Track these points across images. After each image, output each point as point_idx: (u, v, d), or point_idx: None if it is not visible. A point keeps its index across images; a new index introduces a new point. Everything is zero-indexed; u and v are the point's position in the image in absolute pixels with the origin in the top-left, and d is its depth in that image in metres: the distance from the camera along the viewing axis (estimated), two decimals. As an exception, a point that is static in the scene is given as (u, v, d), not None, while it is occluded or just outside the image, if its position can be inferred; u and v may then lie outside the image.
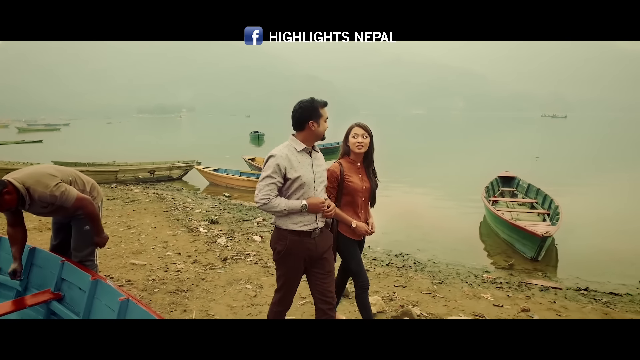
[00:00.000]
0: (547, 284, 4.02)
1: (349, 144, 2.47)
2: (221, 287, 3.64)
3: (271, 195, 2.02)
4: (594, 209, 7.88)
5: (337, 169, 2.46)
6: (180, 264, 4.21)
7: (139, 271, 3.99)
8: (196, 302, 3.30)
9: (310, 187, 2.09)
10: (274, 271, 4.05)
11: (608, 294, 3.84)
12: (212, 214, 6.60)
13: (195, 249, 4.75)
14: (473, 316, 3.20)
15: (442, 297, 3.62)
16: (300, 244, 2.09)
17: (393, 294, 3.60)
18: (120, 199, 7.79)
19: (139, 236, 5.25)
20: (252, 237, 5.34)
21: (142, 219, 6.21)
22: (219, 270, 4.06)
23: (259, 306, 3.27)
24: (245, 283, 3.73)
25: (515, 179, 8.33)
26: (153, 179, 10.31)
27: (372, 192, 2.55)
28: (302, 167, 2.07)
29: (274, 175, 2.02)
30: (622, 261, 4.90)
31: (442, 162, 16.40)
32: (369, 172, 2.53)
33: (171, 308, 3.19)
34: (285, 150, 2.08)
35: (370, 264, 4.48)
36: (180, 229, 5.67)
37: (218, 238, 5.19)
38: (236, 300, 3.37)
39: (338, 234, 2.46)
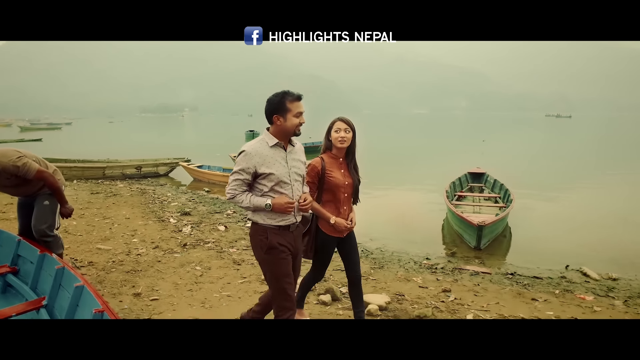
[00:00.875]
0: (479, 269, 4.34)
1: (331, 138, 2.44)
2: (173, 268, 4.00)
3: (237, 190, 2.03)
4: (569, 208, 8.13)
5: (318, 164, 2.43)
6: (142, 249, 4.57)
7: (103, 254, 4.35)
8: (146, 280, 3.66)
9: (285, 182, 2.06)
10: (226, 255, 4.42)
11: (531, 277, 4.16)
12: (187, 207, 6.97)
13: (160, 236, 5.11)
14: (394, 295, 3.53)
15: (375, 279, 3.95)
16: (282, 237, 2.09)
17: (329, 277, 3.93)
18: (103, 193, 8.17)
19: (112, 225, 5.61)
20: (217, 227, 5.69)
21: (118, 210, 6.58)
22: (176, 255, 4.41)
23: (202, 284, 3.62)
24: (196, 265, 4.08)
25: (484, 175, 8.63)
26: (140, 175, 10.68)
27: (355, 188, 2.52)
28: (274, 163, 2.05)
29: (241, 172, 2.02)
30: (566, 252, 5.14)
31: (434, 160, 16.71)
32: (350, 168, 2.49)
33: (121, 284, 3.54)
34: (257, 146, 2.05)
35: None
36: (152, 219, 6.04)
37: (184, 227, 5.55)
38: (182, 279, 3.72)
39: (317, 229, 2.46)
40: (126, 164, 10.87)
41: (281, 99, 2.03)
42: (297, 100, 2.04)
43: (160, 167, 11.11)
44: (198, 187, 9.55)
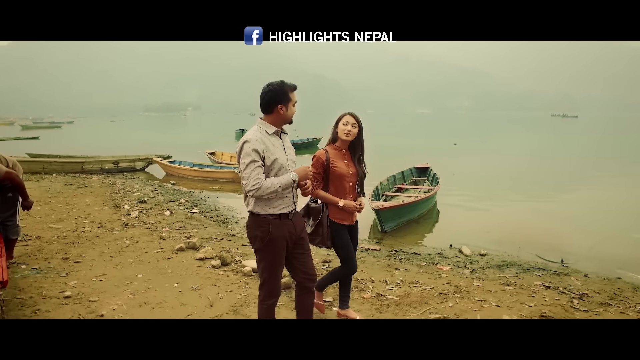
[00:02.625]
0: (369, 247, 5.04)
1: (337, 130, 2.58)
2: (106, 241, 4.75)
3: (261, 178, 2.00)
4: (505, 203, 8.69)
5: (322, 156, 2.55)
6: (87, 228, 5.33)
7: (52, 231, 5.11)
8: (78, 249, 4.42)
9: (285, 168, 2.11)
10: (157, 233, 5.16)
11: (411, 253, 4.84)
12: (146, 196, 7.74)
13: (108, 219, 5.87)
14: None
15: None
16: (282, 226, 2.11)
17: (222, 251, 4.66)
18: (76, 185, 8.95)
19: (70, 210, 6.38)
20: (163, 212, 6.45)
21: (82, 199, 7.35)
22: (115, 232, 5.17)
23: (124, 253, 4.36)
24: (127, 240, 4.83)
25: (428, 170, 9.30)
26: (117, 170, 11.46)
27: (360, 178, 2.65)
28: (276, 150, 2.09)
29: (256, 159, 2.00)
30: (463, 234, 5.69)
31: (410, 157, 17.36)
32: (354, 159, 2.63)
33: (56, 252, 4.28)
34: (258, 134, 2.07)
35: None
36: (109, 205, 6.81)
37: (133, 212, 6.31)
38: (109, 249, 4.48)
39: (329, 221, 2.55)
40: (104, 159, 11.66)
41: (285, 88, 2.11)
42: (294, 90, 2.17)
43: (137, 162, 11.88)
44: (168, 180, 10.31)
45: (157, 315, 2.92)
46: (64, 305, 3.01)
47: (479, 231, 6.01)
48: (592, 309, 3.24)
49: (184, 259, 4.20)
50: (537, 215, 7.25)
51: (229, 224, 6.01)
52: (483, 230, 6.09)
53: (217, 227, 5.81)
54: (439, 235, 5.92)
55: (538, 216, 7.18)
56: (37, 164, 10.57)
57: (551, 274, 4.15)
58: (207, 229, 5.60)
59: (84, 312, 2.90)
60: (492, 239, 5.51)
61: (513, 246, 5.17)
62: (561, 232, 6.17)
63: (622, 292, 3.68)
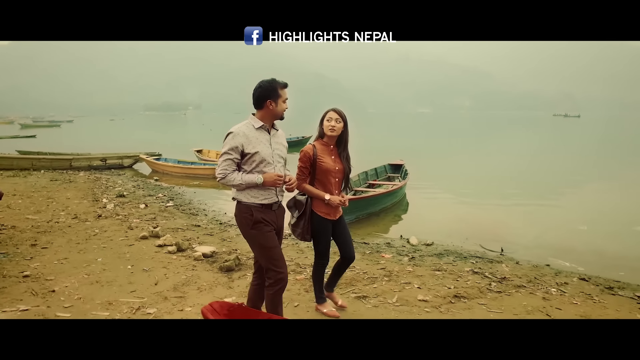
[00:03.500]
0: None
1: (323, 126, 2.64)
2: (77, 231, 5.07)
3: (228, 170, 2.15)
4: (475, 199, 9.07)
5: (310, 150, 2.62)
6: (62, 219, 5.66)
7: (28, 222, 5.43)
8: (48, 237, 4.74)
9: (268, 162, 2.20)
10: (126, 223, 5.47)
11: (360, 243, 5.14)
12: (127, 191, 8.07)
13: (84, 211, 6.20)
14: (227, 247, 4.57)
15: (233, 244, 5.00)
16: (265, 213, 2.23)
17: (183, 239, 4.98)
18: (61, 180, 9.27)
19: (50, 203, 6.71)
20: (138, 205, 6.77)
21: (64, 193, 7.68)
22: (87, 223, 5.50)
23: (90, 240, 4.69)
24: (96, 229, 5.16)
25: (402, 167, 9.61)
26: (105, 167, 11.79)
27: (346, 174, 2.71)
28: (259, 143, 2.19)
29: (230, 152, 2.16)
30: (419, 227, 6.06)
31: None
32: (341, 155, 2.69)
33: (27, 239, 4.61)
34: (244, 128, 2.20)
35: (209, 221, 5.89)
36: (88, 199, 7.14)
37: (109, 205, 6.64)
38: (78, 236, 4.80)
39: (312, 213, 2.63)
40: (92, 156, 11.99)
41: (275, 85, 2.22)
42: (285, 87, 2.27)
43: (124, 159, 12.22)
44: (152, 176, 10.64)
45: (104, 292, 3.24)
46: (21, 283, 3.34)
47: (437, 224, 6.35)
48: (505, 290, 3.55)
49: (144, 245, 4.52)
50: (501, 211, 7.55)
51: (198, 216, 6.34)
52: (441, 223, 6.43)
53: (186, 218, 6.13)
54: (396, 227, 6.23)
55: (501, 212, 7.48)
56: (26, 161, 10.92)
57: (485, 262, 4.47)
58: (175, 220, 5.92)
59: (38, 289, 3.22)
60: (445, 231, 5.83)
61: (461, 237, 5.49)
62: (513, 225, 6.49)
63: (543, 277, 3.99)
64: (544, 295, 3.49)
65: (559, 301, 3.37)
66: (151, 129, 50.61)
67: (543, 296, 3.46)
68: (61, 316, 2.77)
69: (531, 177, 11.78)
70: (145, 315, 2.85)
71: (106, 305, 2.98)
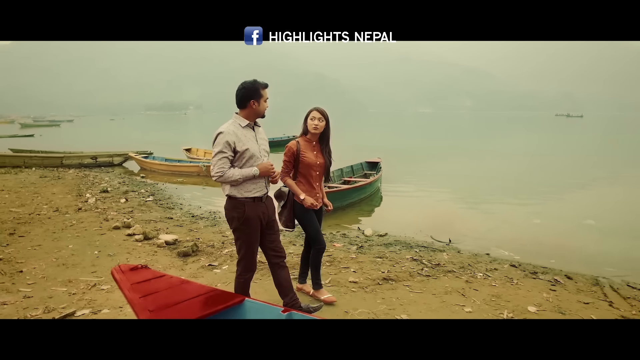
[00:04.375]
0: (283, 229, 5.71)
1: (307, 124, 2.86)
2: (55, 222, 5.45)
3: (225, 167, 2.29)
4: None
5: (294, 146, 2.86)
6: (44, 212, 6.04)
7: (10, 214, 5.81)
8: (27, 227, 5.12)
9: (257, 157, 2.40)
10: (105, 216, 5.86)
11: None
12: (111, 187, 8.45)
13: (66, 204, 6.58)
14: (191, 236, 4.94)
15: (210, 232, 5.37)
16: (256, 208, 2.40)
17: (153, 229, 5.36)
18: (50, 177, 9.66)
19: (35, 197, 7.10)
20: (119, 200, 7.15)
21: (51, 188, 8.07)
22: (67, 215, 5.88)
23: (66, 230, 5.07)
24: (74, 220, 5.54)
25: (378, 164, 9.97)
26: (95, 164, 12.19)
27: (327, 168, 2.96)
28: (248, 140, 2.36)
29: (225, 150, 2.29)
30: (379, 221, 6.49)
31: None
32: (323, 151, 2.93)
33: (7, 229, 4.99)
34: (232, 127, 2.35)
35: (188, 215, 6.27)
36: (72, 194, 7.52)
37: (91, 199, 7.02)
38: (55, 227, 5.18)
39: (294, 203, 2.87)
40: (83, 154, 12.38)
41: (257, 86, 2.40)
42: (266, 87, 2.45)
43: (114, 157, 12.62)
44: (140, 174, 11.02)
45: (68, 272, 3.62)
46: (-7, 265, 3.72)
47: (399, 218, 6.70)
48: (433, 275, 3.91)
49: (115, 235, 4.91)
50: (466, 208, 7.90)
51: (174, 210, 6.71)
52: (403, 217, 6.77)
53: (162, 212, 6.50)
54: (359, 220, 6.59)
55: (466, 209, 7.82)
56: (18, 159, 11.32)
57: (429, 251, 4.82)
58: (151, 213, 6.30)
59: (7, 269, 3.60)
60: (403, 224, 6.17)
61: (416, 230, 5.85)
62: (472, 220, 6.81)
63: (477, 264, 4.35)
64: (468, 278, 3.85)
65: (479, 284, 3.73)
66: (150, 128, 51.04)
67: (467, 279, 3.82)
68: (23, 291, 3.15)
69: (515, 177, 11.56)
70: (99, 291, 3.23)
71: (66, 282, 3.36)
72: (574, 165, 14.78)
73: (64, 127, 52.33)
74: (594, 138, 31.93)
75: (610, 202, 8.40)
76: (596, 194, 9.23)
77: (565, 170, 13.25)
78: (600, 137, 32.87)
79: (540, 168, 14.04)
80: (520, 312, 3.15)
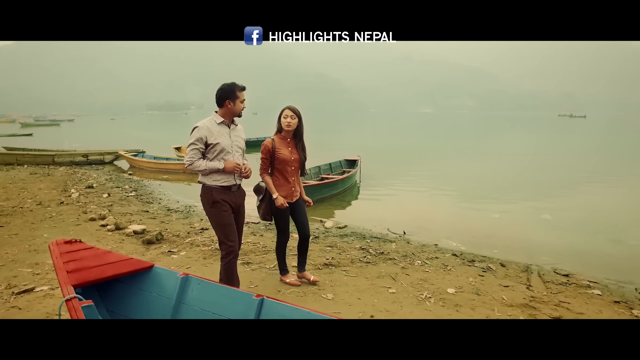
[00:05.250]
0: (250, 221, 6.06)
1: (281, 123, 3.07)
2: (36, 214, 5.82)
3: (195, 158, 2.61)
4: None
5: (269, 144, 3.08)
6: (27, 205, 6.41)
7: (-5, 207, 6.20)
8: (8, 218, 5.49)
9: (228, 151, 2.65)
10: (84, 209, 6.23)
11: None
12: (97, 183, 8.82)
13: (50, 199, 6.95)
14: (164, 228, 5.30)
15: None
16: (224, 194, 2.67)
17: (126, 221, 5.72)
18: (40, 174, 10.05)
19: (22, 192, 7.48)
20: (101, 195, 7.52)
21: (39, 184, 8.45)
22: (49, 208, 6.25)
23: (45, 221, 5.44)
24: (54, 213, 5.91)
25: (357, 162, 10.31)
26: (86, 162, 12.57)
27: (302, 162, 3.19)
28: (220, 136, 2.63)
29: (197, 143, 2.59)
30: (345, 215, 6.87)
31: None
32: (297, 146, 3.15)
33: (-10, 220, 5.37)
34: (207, 123, 2.64)
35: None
36: (58, 189, 7.90)
37: (75, 194, 7.39)
38: (35, 218, 5.55)
39: (271, 197, 3.12)
40: (75, 152, 12.77)
41: (233, 88, 2.65)
42: (243, 90, 2.68)
43: (105, 155, 13.00)
44: (128, 171, 11.40)
45: (37, 257, 3.98)
46: (-31, 249, 4.09)
47: (364, 213, 7.05)
48: (373, 262, 4.24)
49: (89, 225, 5.28)
50: (434, 204, 8.25)
51: (152, 204, 7.07)
52: (370, 212, 7.12)
53: (141, 206, 6.87)
54: (326, 214, 6.92)
55: (433, 204, 8.17)
56: (11, 156, 11.72)
57: (380, 241, 5.15)
58: (130, 207, 6.67)
59: (-20, 254, 3.97)
60: (366, 218, 6.50)
61: (376, 223, 6.19)
62: (435, 214, 7.17)
63: (420, 253, 4.67)
64: (405, 265, 4.19)
65: (414, 270, 4.07)
66: (150, 128, 51.53)
67: (404, 266, 4.16)
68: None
69: (495, 177, 11.77)
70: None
71: (32, 265, 3.72)
72: (564, 165, 14.77)
73: (63, 127, 52.89)
74: (602, 139, 31.20)
75: (576, 200, 8.70)
76: (567, 193, 9.50)
77: (552, 170, 13.31)
78: (609, 138, 32.23)
79: (528, 168, 13.85)
80: (439, 293, 3.49)
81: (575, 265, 4.62)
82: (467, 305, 3.26)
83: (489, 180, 11.24)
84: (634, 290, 3.94)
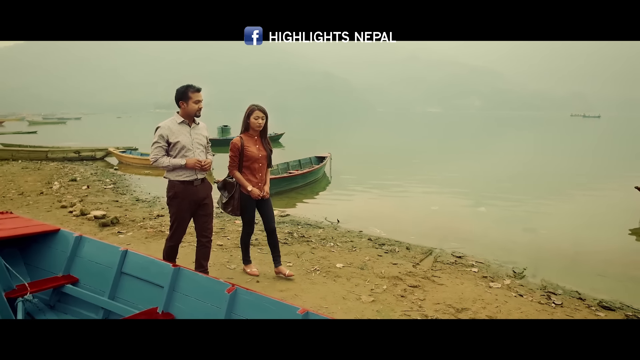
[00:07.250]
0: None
1: (250, 122, 3.25)
2: (14, 202, 6.60)
3: (159, 155, 2.84)
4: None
5: (238, 142, 3.25)
6: (9, 195, 7.21)
7: (-18, 197, 7.00)
8: (-9, 206, 6.28)
9: (188, 148, 2.89)
10: (59, 198, 7.00)
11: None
12: (82, 176, 9.62)
13: (33, 189, 7.75)
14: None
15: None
16: (185, 189, 2.90)
17: (93, 208, 6.48)
18: (31, 168, 10.88)
19: (8, 184, 8.28)
20: (81, 187, 8.31)
21: (26, 177, 9.26)
22: (28, 197, 7.04)
23: (22, 208, 6.21)
24: (31, 201, 6.69)
25: (325, 158, 10.97)
26: (78, 158, 13.41)
27: (268, 157, 3.41)
28: (180, 134, 2.87)
29: (159, 141, 2.84)
30: (318, 210, 7.51)
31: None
32: (264, 143, 3.38)
33: (-26, 206, 6.16)
34: (168, 123, 2.89)
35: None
36: (43, 182, 8.70)
37: (56, 186, 8.19)
38: (12, 206, 6.32)
39: (241, 193, 3.32)
40: (67, 149, 13.63)
41: (185, 90, 2.88)
42: (197, 91, 2.89)
43: (97, 152, 13.85)
44: (117, 166, 12.21)
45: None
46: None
47: (315, 205, 7.73)
48: (290, 243, 4.89)
49: (59, 212, 6.04)
50: (388, 199, 8.88)
51: (125, 196, 7.83)
52: (320, 204, 7.81)
53: (114, 196, 7.63)
54: (282, 205, 7.60)
55: (387, 200, 8.80)
56: (6, 152, 12.61)
57: (311, 227, 5.81)
58: (102, 198, 7.43)
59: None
60: (314, 209, 7.20)
61: (319, 213, 6.84)
62: (381, 208, 7.82)
63: (339, 238, 5.31)
64: (316, 246, 4.83)
65: (320, 250, 4.69)
66: (155, 125, 52.38)
67: (314, 247, 4.80)
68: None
69: (480, 176, 11.69)
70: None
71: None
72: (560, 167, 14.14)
73: (70, 125, 54.19)
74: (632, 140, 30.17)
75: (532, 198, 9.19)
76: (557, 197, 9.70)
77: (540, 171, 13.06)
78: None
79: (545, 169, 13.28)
80: (327, 267, 4.13)
81: (476, 249, 5.19)
82: (345, 277, 3.91)
83: (488, 180, 11.03)
84: (510, 269, 4.56)
